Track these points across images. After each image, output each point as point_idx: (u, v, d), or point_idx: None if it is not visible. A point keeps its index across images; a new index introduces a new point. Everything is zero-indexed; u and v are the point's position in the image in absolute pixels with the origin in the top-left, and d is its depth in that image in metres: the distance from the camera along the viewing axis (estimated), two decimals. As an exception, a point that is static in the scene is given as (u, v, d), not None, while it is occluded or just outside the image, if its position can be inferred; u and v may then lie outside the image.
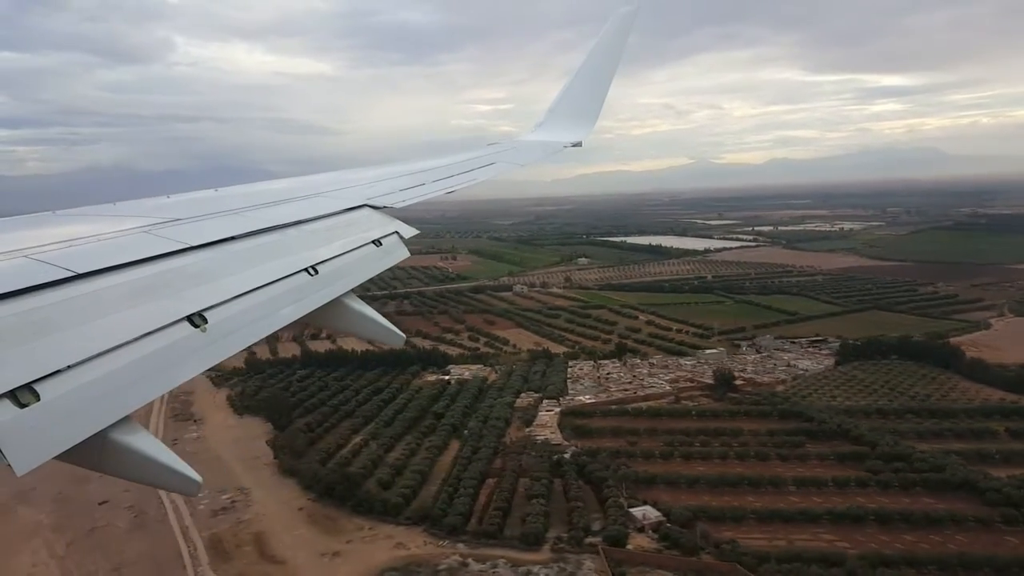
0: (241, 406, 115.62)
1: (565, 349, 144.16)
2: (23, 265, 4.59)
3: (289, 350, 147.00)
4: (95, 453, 3.88)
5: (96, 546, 73.25)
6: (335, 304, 6.32)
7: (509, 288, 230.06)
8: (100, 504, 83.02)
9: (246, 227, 6.64)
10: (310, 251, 6.70)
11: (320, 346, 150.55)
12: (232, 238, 6.27)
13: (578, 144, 17.61)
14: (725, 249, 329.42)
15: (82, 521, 79.08)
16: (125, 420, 3.99)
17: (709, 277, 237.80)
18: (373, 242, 7.66)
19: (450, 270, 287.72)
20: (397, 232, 8.21)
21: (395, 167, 12.52)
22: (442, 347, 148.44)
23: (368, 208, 8.72)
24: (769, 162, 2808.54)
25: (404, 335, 7.08)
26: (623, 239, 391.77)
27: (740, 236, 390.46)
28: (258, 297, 5.49)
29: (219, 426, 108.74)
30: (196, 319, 4.78)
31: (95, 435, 3.76)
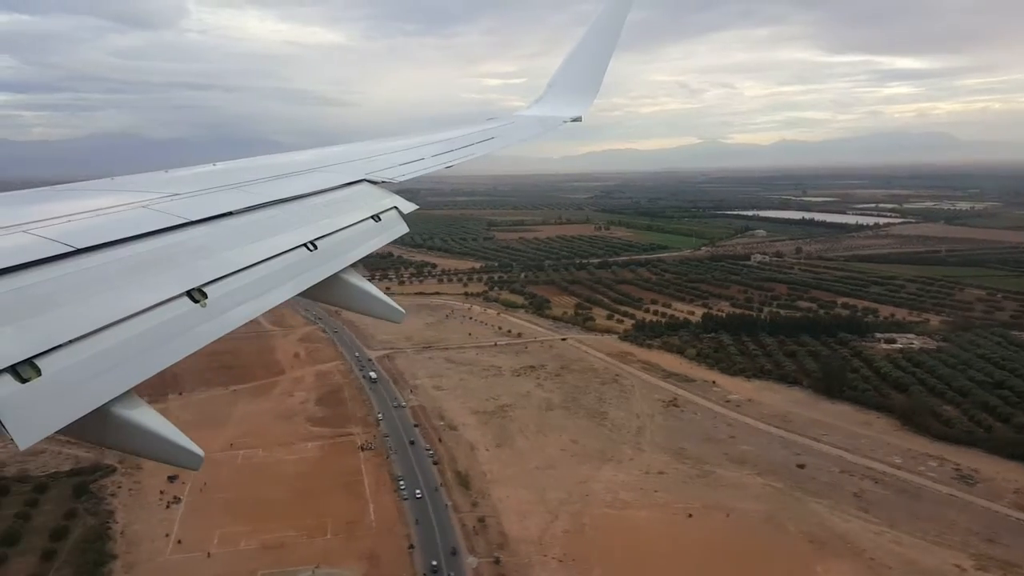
0: (734, 368, 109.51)
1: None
2: (23, 240, 4.47)
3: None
4: (98, 427, 3.86)
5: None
6: (335, 279, 6.17)
7: (746, 257, 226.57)
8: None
9: (245, 202, 6.47)
10: (309, 226, 6.54)
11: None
12: (231, 213, 6.10)
13: (578, 119, 17.09)
14: (890, 224, 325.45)
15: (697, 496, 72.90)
16: (127, 395, 3.93)
17: (943, 251, 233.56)
18: (372, 217, 7.44)
19: (614, 238, 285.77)
20: (396, 207, 7.94)
21: (394, 141, 12.08)
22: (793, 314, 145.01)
23: (367, 183, 8.51)
24: (777, 143, 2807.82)
25: (404, 310, 6.76)
26: (754, 212, 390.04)
27: (877, 213, 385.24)
28: (258, 272, 5.38)
29: (743, 388, 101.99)
30: (196, 294, 4.70)
31: (97, 410, 3.73)
